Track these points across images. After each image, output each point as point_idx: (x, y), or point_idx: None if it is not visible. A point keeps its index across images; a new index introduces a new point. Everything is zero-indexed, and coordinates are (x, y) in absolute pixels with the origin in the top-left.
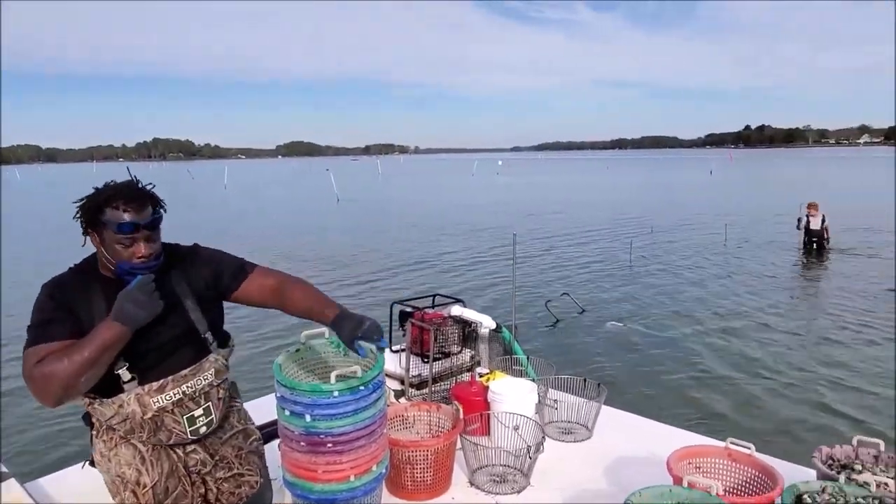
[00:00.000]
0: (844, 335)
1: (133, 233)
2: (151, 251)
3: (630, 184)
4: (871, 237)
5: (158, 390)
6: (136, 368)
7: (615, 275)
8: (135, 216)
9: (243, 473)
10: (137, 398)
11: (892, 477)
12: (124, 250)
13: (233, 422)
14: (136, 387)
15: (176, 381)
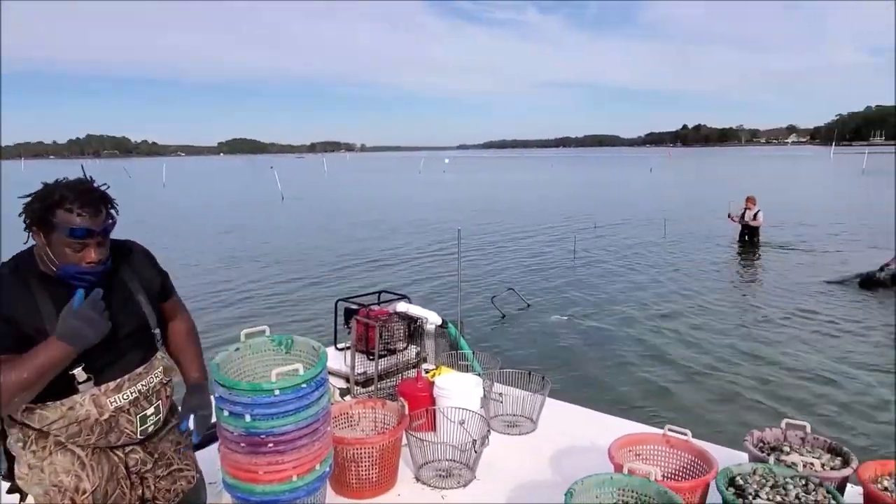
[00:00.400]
0: (777, 326)
1: (85, 238)
2: (101, 256)
3: (574, 181)
4: (800, 231)
5: (115, 390)
6: (91, 368)
7: (560, 270)
8: (89, 222)
9: (181, 469)
10: (94, 399)
11: (818, 457)
12: (73, 254)
13: (169, 417)
14: (91, 387)
15: (132, 379)
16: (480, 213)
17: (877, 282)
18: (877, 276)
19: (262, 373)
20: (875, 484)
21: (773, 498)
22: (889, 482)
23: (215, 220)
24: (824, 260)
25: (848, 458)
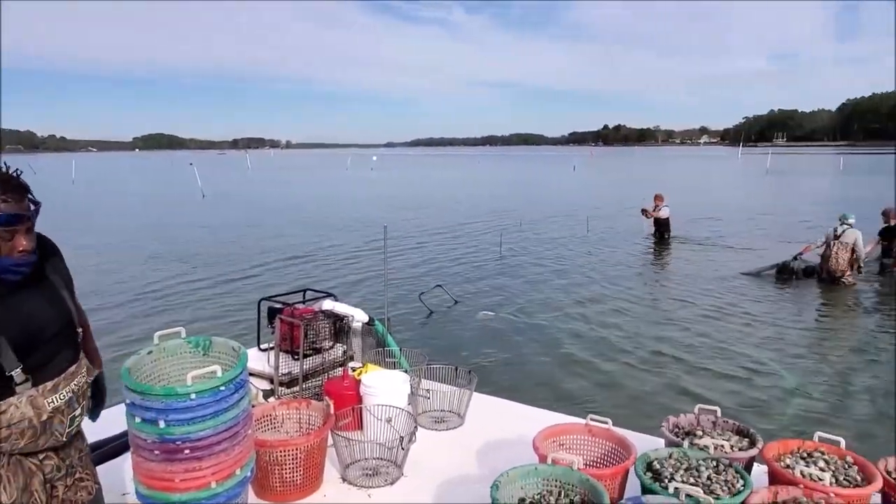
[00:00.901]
0: (691, 316)
1: (15, 225)
2: (31, 245)
3: (500, 179)
4: (714, 227)
5: (52, 390)
6: (28, 368)
7: (487, 266)
8: (15, 207)
9: (83, 478)
10: (31, 400)
11: (727, 439)
12: (4, 244)
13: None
14: (29, 388)
15: (66, 379)
16: (408, 211)
17: (791, 271)
18: (791, 266)
19: (177, 376)
20: (778, 462)
21: (687, 480)
22: (790, 460)
23: (129, 218)
24: (738, 254)
25: (754, 440)
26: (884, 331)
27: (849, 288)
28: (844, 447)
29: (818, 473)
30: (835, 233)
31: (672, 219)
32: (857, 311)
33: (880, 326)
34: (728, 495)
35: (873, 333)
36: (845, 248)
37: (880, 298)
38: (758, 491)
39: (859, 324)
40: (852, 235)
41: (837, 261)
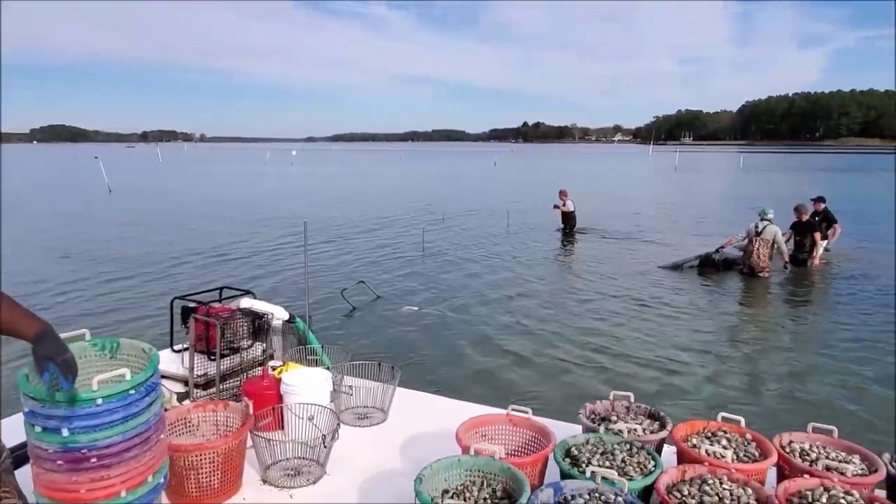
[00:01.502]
0: (610, 308)
1: None
2: None
3: (422, 174)
4: (630, 221)
5: None
6: None
7: (410, 261)
8: None
9: (1, 497)
10: None
11: (640, 423)
12: None
13: None
14: None
15: None
16: (330, 206)
17: (713, 263)
18: (713, 258)
19: (82, 381)
20: (686, 442)
21: (603, 463)
22: (697, 439)
23: (27, 214)
24: (657, 247)
25: (664, 422)
26: (794, 318)
27: (766, 280)
28: (744, 425)
29: (721, 451)
30: (756, 229)
31: (582, 213)
32: (772, 301)
33: (793, 316)
34: (640, 476)
35: (786, 322)
36: (766, 244)
37: (794, 290)
38: (667, 470)
39: (774, 313)
40: (772, 232)
41: (759, 256)
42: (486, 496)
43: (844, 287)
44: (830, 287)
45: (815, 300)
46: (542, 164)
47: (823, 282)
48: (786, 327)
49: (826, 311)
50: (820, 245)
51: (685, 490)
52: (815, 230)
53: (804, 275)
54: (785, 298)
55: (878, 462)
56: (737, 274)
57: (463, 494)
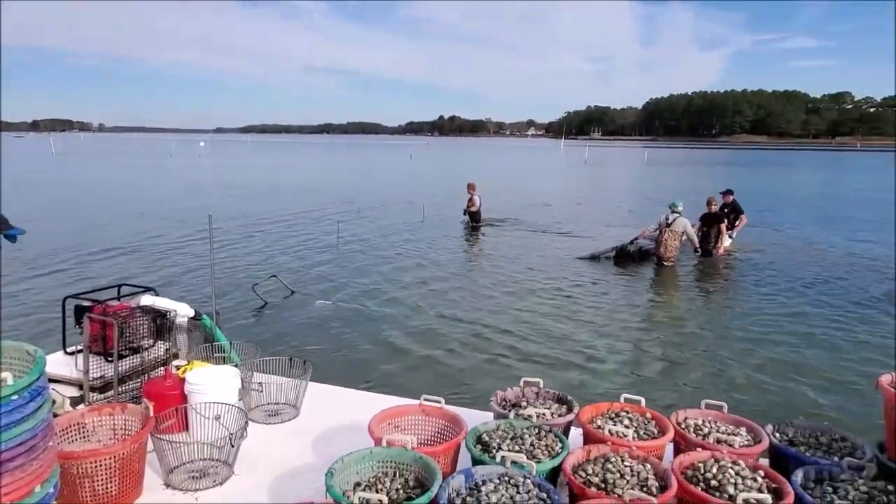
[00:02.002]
0: (526, 299)
1: None
2: None
3: (338, 167)
4: (545, 213)
5: None
6: None
7: (324, 255)
8: None
9: None
10: None
11: (548, 408)
12: None
13: None
14: None
15: None
16: (241, 199)
17: (628, 254)
18: (627, 249)
19: None
20: (591, 423)
21: (513, 448)
22: (601, 420)
23: None
24: (572, 239)
25: (571, 406)
26: (698, 304)
27: (676, 269)
28: (644, 405)
29: (623, 430)
30: (666, 220)
31: (499, 206)
32: (681, 289)
33: (697, 302)
34: (548, 458)
35: (690, 308)
36: (675, 235)
37: (701, 277)
38: (574, 451)
39: (681, 300)
40: (681, 224)
41: (667, 247)
42: (398, 486)
43: (746, 274)
44: (734, 274)
45: (719, 287)
46: (458, 157)
47: (728, 269)
48: (689, 312)
49: (727, 297)
50: (725, 235)
51: (590, 469)
52: (721, 221)
53: (710, 263)
54: (692, 286)
55: (762, 433)
56: (651, 263)
57: (375, 486)
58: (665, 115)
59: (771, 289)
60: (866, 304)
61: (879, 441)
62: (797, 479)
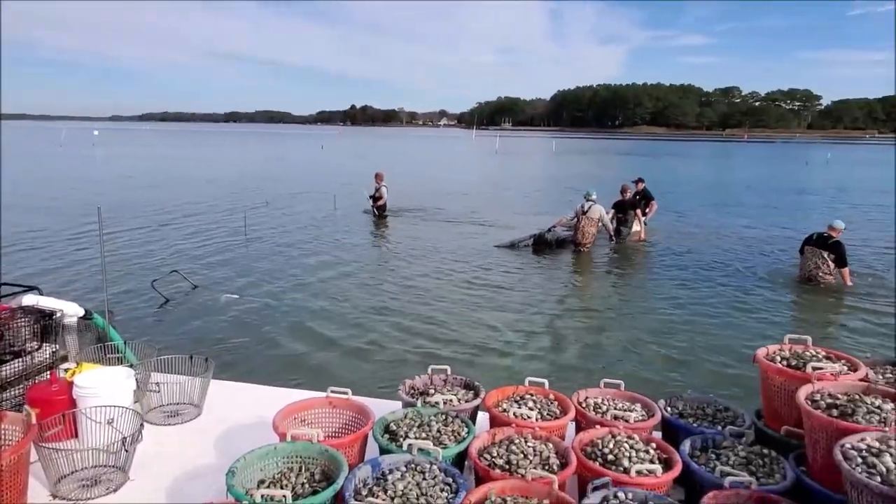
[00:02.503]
0: (433, 286)
1: None
2: None
3: (245, 157)
4: (459, 202)
5: None
6: None
7: (230, 248)
8: None
9: None
10: None
11: (455, 394)
12: None
13: None
14: None
15: None
16: (139, 191)
17: (546, 242)
18: (545, 237)
19: None
20: (497, 407)
21: (420, 435)
22: (507, 404)
23: None
24: (486, 228)
25: (478, 391)
26: (610, 288)
27: (592, 255)
28: (548, 387)
29: (527, 412)
30: (582, 208)
31: (413, 195)
32: (596, 274)
33: (610, 286)
34: (455, 443)
35: (606, 292)
36: (591, 222)
37: (616, 263)
38: (479, 435)
39: (597, 285)
40: (597, 211)
41: (585, 233)
42: (303, 481)
43: (655, 258)
44: (644, 259)
45: (631, 272)
46: (370, 146)
47: (639, 254)
48: (602, 296)
49: (637, 280)
50: (639, 221)
51: (494, 451)
52: (635, 207)
53: (624, 249)
54: (607, 271)
55: (655, 408)
56: (568, 250)
57: (280, 482)
58: (572, 107)
59: (676, 272)
60: (756, 283)
61: (758, 409)
62: (685, 449)
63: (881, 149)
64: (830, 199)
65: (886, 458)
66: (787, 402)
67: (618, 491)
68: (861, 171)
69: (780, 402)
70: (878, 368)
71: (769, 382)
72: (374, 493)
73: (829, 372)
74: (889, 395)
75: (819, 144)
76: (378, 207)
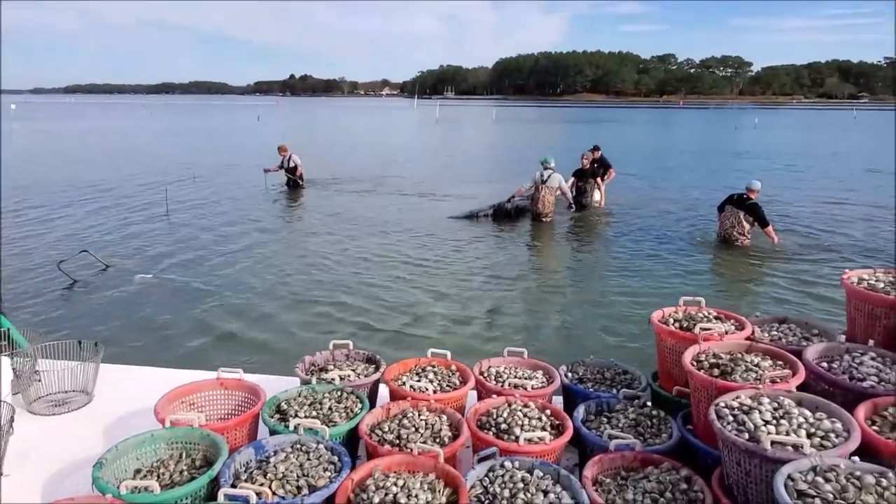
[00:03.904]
0: (364, 260)
1: None
2: None
3: (176, 130)
4: (404, 171)
5: None
6: None
7: (149, 225)
8: None
9: None
10: None
11: (355, 368)
12: None
13: None
14: None
15: None
16: (54, 167)
17: (506, 212)
18: (505, 207)
19: None
20: (396, 381)
21: (310, 414)
22: (406, 377)
23: None
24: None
25: (379, 365)
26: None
27: (552, 224)
28: (450, 358)
29: (425, 385)
30: (541, 177)
31: (354, 166)
32: (555, 244)
33: (570, 256)
34: (346, 420)
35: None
36: (551, 191)
37: (576, 232)
38: (373, 411)
39: (554, 256)
40: (556, 180)
41: (545, 202)
42: (183, 468)
43: (611, 226)
44: (603, 227)
45: (589, 240)
46: (310, 117)
47: (599, 224)
48: (545, 268)
49: (594, 249)
50: (600, 189)
51: (386, 426)
52: (595, 176)
53: (584, 217)
54: (566, 240)
55: (555, 374)
56: (528, 221)
57: (158, 471)
58: (514, 75)
59: (628, 238)
60: (695, 246)
61: (654, 371)
62: (578, 415)
63: (806, 113)
64: (767, 162)
65: (755, 416)
66: (678, 363)
67: (505, 460)
68: (788, 135)
69: (672, 363)
70: (765, 326)
71: (662, 345)
72: (253, 477)
73: (715, 332)
74: (769, 353)
75: (749, 110)
76: (291, 175)
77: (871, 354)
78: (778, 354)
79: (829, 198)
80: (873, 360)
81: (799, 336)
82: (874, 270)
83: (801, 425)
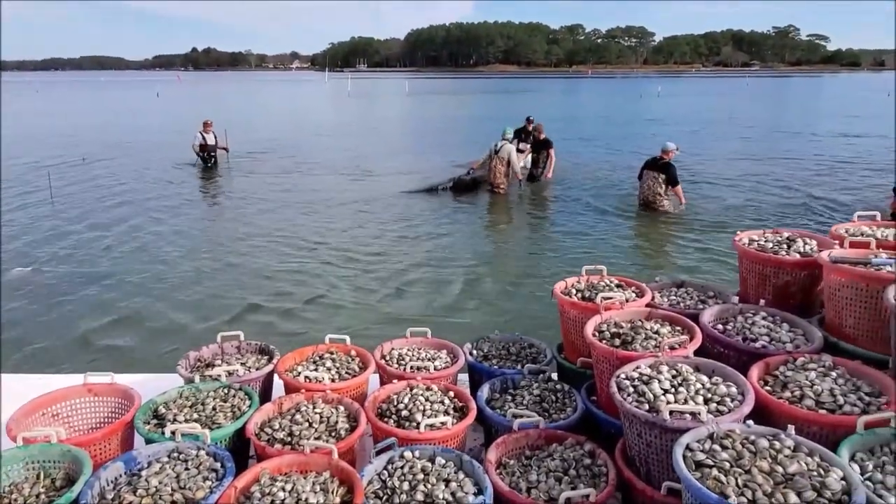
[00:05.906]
0: (264, 245)
1: None
2: None
3: (66, 109)
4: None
5: None
6: None
7: (31, 212)
8: None
9: None
10: None
11: (245, 361)
12: None
13: None
14: None
15: None
16: None
17: (464, 185)
18: (464, 180)
19: None
20: (290, 372)
21: (191, 417)
22: (302, 367)
23: None
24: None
25: (272, 355)
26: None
27: (507, 197)
28: (350, 343)
29: (322, 374)
30: (495, 147)
31: (227, 143)
32: (511, 215)
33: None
34: (231, 420)
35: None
36: (502, 161)
37: (530, 203)
38: (262, 408)
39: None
40: (507, 151)
41: (496, 173)
42: (40, 491)
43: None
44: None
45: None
46: (214, 92)
47: (547, 194)
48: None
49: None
50: (552, 160)
51: (276, 424)
52: (549, 147)
53: (538, 188)
54: (522, 211)
55: (459, 353)
56: (485, 193)
57: (11, 497)
58: (427, 47)
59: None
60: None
61: (560, 343)
62: (482, 394)
63: (704, 81)
64: (676, 128)
65: (654, 386)
66: (582, 334)
67: (404, 450)
68: (689, 101)
69: (576, 334)
70: (664, 292)
71: (565, 316)
72: (120, 495)
73: (616, 301)
74: (668, 318)
75: (654, 79)
76: (209, 152)
77: (763, 314)
78: (676, 320)
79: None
80: (764, 320)
81: (696, 299)
82: (763, 231)
83: (698, 391)
